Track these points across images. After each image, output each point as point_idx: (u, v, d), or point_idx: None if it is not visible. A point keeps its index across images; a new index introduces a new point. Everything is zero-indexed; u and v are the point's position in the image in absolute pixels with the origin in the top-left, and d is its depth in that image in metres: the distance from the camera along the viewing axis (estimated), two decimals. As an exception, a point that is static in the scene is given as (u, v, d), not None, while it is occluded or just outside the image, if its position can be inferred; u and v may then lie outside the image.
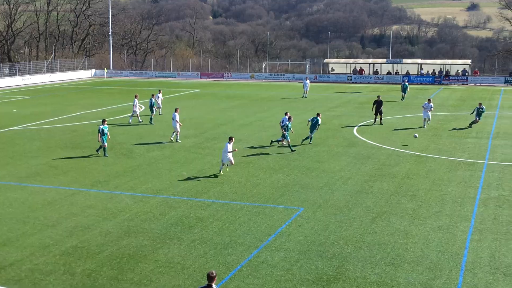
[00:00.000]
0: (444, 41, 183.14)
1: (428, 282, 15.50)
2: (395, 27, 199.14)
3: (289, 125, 32.55)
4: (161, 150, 32.76)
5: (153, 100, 42.83)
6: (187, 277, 15.87)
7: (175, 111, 35.08)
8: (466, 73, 79.57)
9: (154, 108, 42.62)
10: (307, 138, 34.04)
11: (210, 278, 12.43)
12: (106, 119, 32.17)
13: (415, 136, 35.02)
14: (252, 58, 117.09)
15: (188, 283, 15.54)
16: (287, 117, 33.41)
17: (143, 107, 48.10)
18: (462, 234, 19.00)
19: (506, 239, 18.59)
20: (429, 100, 39.70)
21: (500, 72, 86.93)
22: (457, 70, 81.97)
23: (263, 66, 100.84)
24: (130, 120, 42.55)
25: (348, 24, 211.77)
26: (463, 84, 76.25)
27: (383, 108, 41.35)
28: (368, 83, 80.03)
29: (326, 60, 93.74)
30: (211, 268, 16.05)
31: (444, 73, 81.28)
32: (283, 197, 23.44)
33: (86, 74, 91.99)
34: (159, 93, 47.23)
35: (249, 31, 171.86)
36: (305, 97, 59.45)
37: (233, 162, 26.52)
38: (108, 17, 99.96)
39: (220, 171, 26.88)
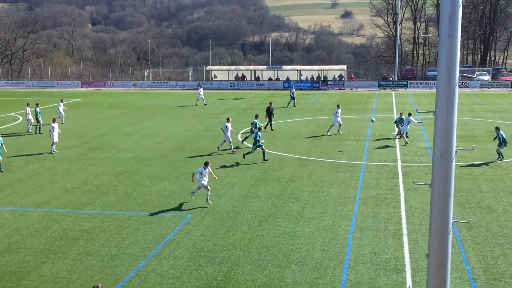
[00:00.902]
0: (321, 48, 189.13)
1: (314, 281, 16.03)
2: (274, 35, 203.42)
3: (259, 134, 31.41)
4: (41, 162, 31.60)
5: (38, 109, 42.43)
6: (74, 292, 15.46)
7: (53, 122, 34.26)
8: (343, 78, 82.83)
9: (39, 117, 42.03)
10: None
11: (96, 291, 12.24)
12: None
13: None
14: (134, 66, 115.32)
15: (75, 297, 15.15)
16: (228, 123, 33.35)
17: (21, 118, 46.26)
18: (344, 233, 19.80)
19: (385, 235, 19.57)
20: (338, 106, 40.57)
21: (374, 77, 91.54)
22: (334, 76, 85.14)
23: (146, 74, 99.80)
24: (29, 129, 42.16)
25: (229, 31, 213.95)
26: (340, 89, 79.17)
27: (273, 114, 42.39)
28: (251, 89, 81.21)
29: (208, 67, 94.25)
30: (98, 281, 15.73)
31: (322, 79, 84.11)
32: (170, 204, 23.35)
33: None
34: (61, 102, 46.54)
35: (130, 38, 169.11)
36: (204, 104, 59.13)
37: (209, 188, 23.38)
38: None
39: (192, 194, 24.07)
